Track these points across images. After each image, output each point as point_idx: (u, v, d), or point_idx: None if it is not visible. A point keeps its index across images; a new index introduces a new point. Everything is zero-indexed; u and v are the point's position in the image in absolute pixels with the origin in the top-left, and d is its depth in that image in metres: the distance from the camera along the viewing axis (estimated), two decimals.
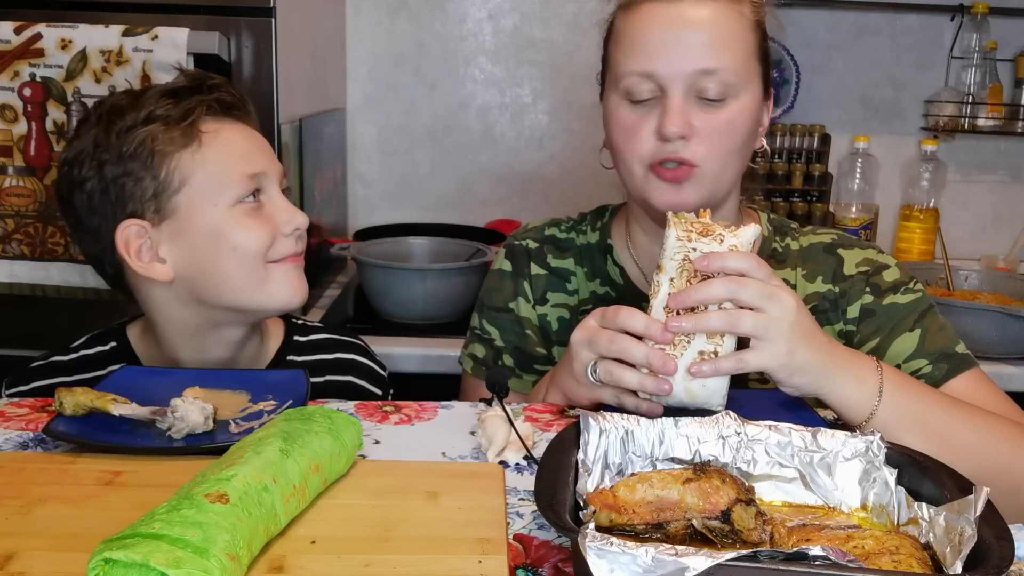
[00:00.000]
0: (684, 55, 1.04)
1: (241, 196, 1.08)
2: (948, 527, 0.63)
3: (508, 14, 2.37)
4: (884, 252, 1.19)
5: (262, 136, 1.16)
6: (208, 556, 0.59)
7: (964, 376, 1.07)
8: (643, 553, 0.54)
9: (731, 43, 1.05)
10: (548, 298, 1.26)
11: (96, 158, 1.06)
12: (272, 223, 1.10)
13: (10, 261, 1.63)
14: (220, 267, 1.08)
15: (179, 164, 1.06)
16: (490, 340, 1.26)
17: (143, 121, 1.06)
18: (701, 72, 1.04)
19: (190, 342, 1.14)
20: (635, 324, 0.89)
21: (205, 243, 1.07)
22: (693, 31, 1.04)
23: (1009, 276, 2.04)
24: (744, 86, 1.06)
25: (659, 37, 1.05)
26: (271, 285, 1.10)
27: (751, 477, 0.76)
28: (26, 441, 0.91)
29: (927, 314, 1.12)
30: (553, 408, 1.04)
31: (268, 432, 0.76)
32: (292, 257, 1.12)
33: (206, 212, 1.07)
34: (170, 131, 1.06)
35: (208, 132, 1.08)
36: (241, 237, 1.07)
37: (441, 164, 2.44)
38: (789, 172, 2.39)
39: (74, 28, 1.56)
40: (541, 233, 1.29)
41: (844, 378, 0.90)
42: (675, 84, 1.04)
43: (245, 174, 1.08)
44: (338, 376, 1.25)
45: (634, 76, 1.06)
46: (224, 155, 1.08)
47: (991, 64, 2.38)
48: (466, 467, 0.87)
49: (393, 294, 1.82)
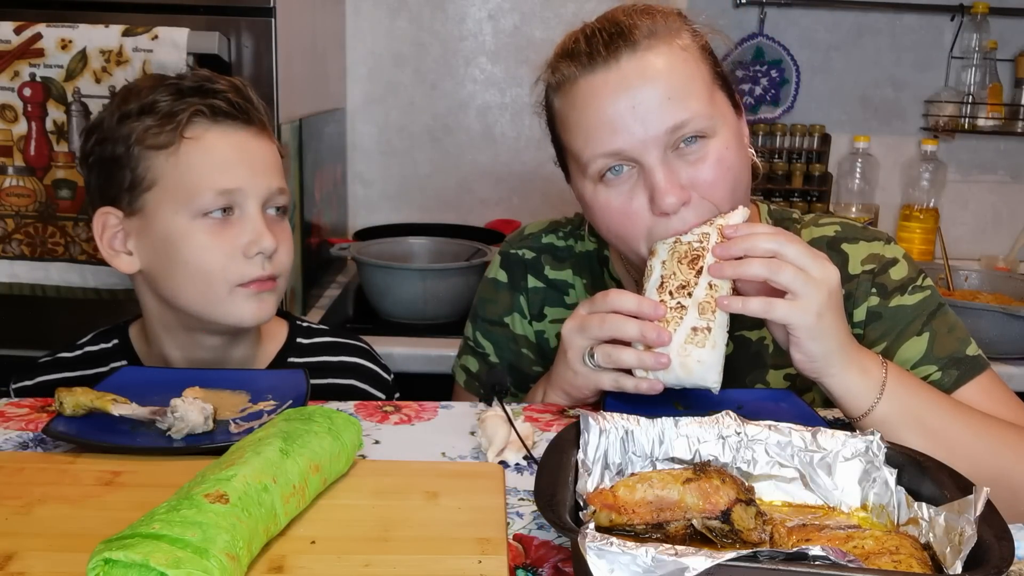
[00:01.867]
0: (649, 120, 0.95)
1: (206, 210, 1.05)
2: (948, 527, 0.63)
3: (508, 14, 2.37)
4: (892, 242, 1.14)
5: (268, 148, 1.12)
6: (208, 556, 0.59)
7: (975, 382, 1.04)
8: (643, 553, 0.54)
9: (689, 87, 0.96)
10: (546, 313, 1.23)
11: (100, 135, 1.08)
12: (234, 242, 1.06)
13: (10, 261, 1.63)
14: (172, 275, 1.07)
15: (154, 164, 1.05)
16: (484, 354, 1.25)
17: (140, 111, 1.05)
18: (672, 129, 0.95)
19: (174, 339, 1.14)
20: (626, 304, 0.90)
21: (162, 248, 1.07)
22: (650, 90, 0.95)
23: (1009, 276, 2.04)
24: (718, 121, 0.98)
25: (614, 110, 0.96)
26: (226, 306, 1.07)
27: (751, 477, 0.76)
28: (26, 441, 0.91)
29: (936, 315, 1.08)
30: (553, 408, 1.04)
31: (268, 432, 0.76)
32: (258, 282, 1.08)
33: (167, 218, 1.06)
34: (156, 128, 1.05)
35: (190, 138, 1.05)
36: (193, 252, 1.05)
37: (441, 164, 2.44)
38: (789, 172, 2.39)
39: (74, 28, 1.56)
40: (539, 241, 1.25)
41: (850, 366, 0.90)
42: (649, 153, 0.96)
43: (215, 188, 1.05)
44: (340, 379, 1.24)
45: (601, 159, 0.97)
46: (198, 164, 1.05)
47: (991, 64, 2.38)
48: (466, 467, 0.87)
49: (393, 294, 1.82)
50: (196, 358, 1.15)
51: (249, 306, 1.08)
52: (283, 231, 1.13)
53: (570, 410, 1.04)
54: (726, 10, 2.41)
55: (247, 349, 1.19)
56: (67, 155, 1.60)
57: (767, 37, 2.40)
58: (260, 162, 1.10)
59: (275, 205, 1.12)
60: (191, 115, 1.05)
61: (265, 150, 1.11)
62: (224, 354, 1.16)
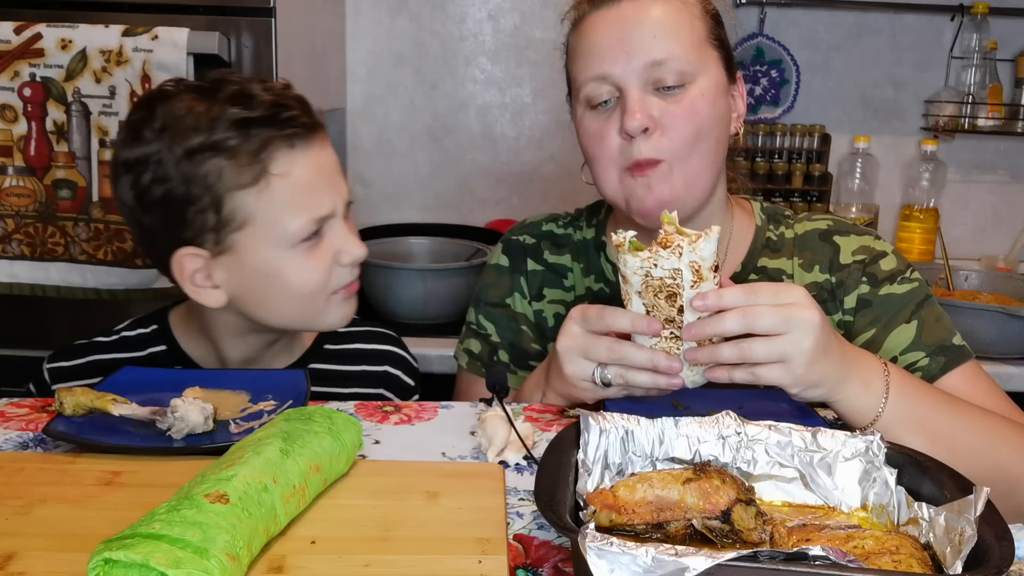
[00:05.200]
0: (633, 51, 1.05)
1: (303, 237, 1.05)
2: (948, 527, 0.63)
3: (508, 14, 2.37)
4: (881, 238, 1.18)
5: (332, 154, 1.11)
6: (208, 556, 0.59)
7: (960, 369, 1.07)
8: (643, 553, 0.54)
9: (678, 32, 1.06)
10: (544, 294, 1.26)
11: (160, 172, 1.01)
12: (330, 256, 1.08)
13: (10, 261, 1.63)
14: (274, 302, 1.08)
15: (243, 203, 1.02)
16: (486, 335, 1.27)
17: (211, 147, 1.00)
18: (652, 64, 1.04)
19: (227, 337, 1.16)
20: (622, 324, 0.91)
21: (261, 279, 1.06)
22: (638, 27, 1.06)
23: (1009, 276, 2.04)
24: (700, 71, 1.06)
25: (606, 40, 1.07)
26: (323, 315, 1.11)
27: (751, 477, 0.76)
28: (26, 441, 0.91)
29: (924, 304, 1.11)
30: (553, 408, 1.04)
31: (268, 432, 0.76)
32: (347, 287, 1.11)
33: (264, 252, 1.04)
34: (238, 167, 1.00)
35: (277, 175, 1.02)
36: (298, 277, 1.06)
37: (441, 164, 2.44)
38: (789, 172, 2.39)
39: (74, 28, 1.56)
40: (539, 229, 1.30)
41: (853, 386, 0.90)
42: (630, 81, 1.05)
43: (311, 218, 1.05)
44: (375, 366, 1.26)
45: (590, 82, 1.08)
46: (291, 197, 1.03)
47: (991, 64, 2.38)
48: (466, 467, 0.87)
49: (393, 294, 1.82)
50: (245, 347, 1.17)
51: (343, 310, 1.12)
52: (354, 230, 1.13)
53: (570, 410, 1.04)
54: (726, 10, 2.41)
55: (288, 341, 1.22)
56: (67, 155, 1.60)
57: (767, 37, 2.41)
58: (335, 174, 1.10)
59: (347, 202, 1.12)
60: (273, 149, 1.02)
61: (332, 158, 1.11)
62: (274, 346, 1.19)
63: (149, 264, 1.62)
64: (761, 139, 2.44)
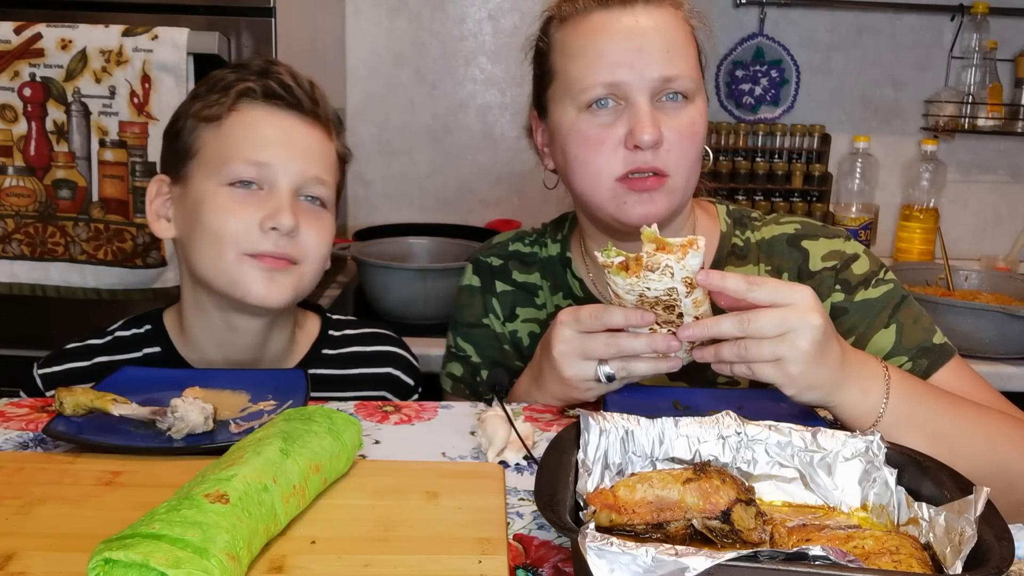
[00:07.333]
0: (647, 63, 1.04)
1: (234, 179, 1.07)
2: (948, 527, 0.63)
3: (508, 14, 2.37)
4: (851, 239, 1.16)
5: (317, 138, 1.12)
6: (208, 556, 0.59)
7: (945, 368, 1.07)
8: (643, 553, 0.54)
9: (684, 50, 1.07)
10: (518, 313, 1.26)
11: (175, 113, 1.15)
12: (256, 214, 1.06)
13: (10, 261, 1.63)
14: (193, 240, 1.09)
15: (201, 134, 1.09)
16: (466, 357, 1.27)
17: (207, 90, 1.11)
18: (664, 79, 1.04)
19: (207, 322, 1.14)
20: (616, 320, 0.92)
21: (191, 212, 1.09)
22: (653, 38, 1.05)
23: (1009, 276, 2.04)
24: (698, 90, 1.08)
25: (620, 46, 1.04)
26: (234, 273, 1.07)
27: (751, 477, 0.76)
28: (26, 441, 0.91)
29: (901, 306, 1.10)
30: (553, 408, 1.04)
31: (268, 432, 0.76)
32: (269, 258, 1.06)
33: (200, 184, 1.09)
34: (210, 102, 1.09)
35: (236, 112, 1.09)
36: (211, 215, 1.07)
37: (441, 164, 2.44)
38: (789, 172, 2.39)
39: (74, 28, 1.56)
40: (505, 249, 1.29)
41: (851, 392, 0.90)
42: (641, 92, 1.04)
43: (246, 158, 1.07)
44: (376, 368, 1.26)
45: (598, 87, 1.05)
46: (238, 136, 1.08)
47: (991, 64, 2.38)
48: (466, 467, 0.87)
49: (393, 294, 1.82)
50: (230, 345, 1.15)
51: (258, 280, 1.06)
52: (317, 220, 1.11)
53: (570, 410, 1.04)
54: (726, 10, 2.41)
55: (281, 343, 1.20)
56: (67, 155, 1.60)
57: (767, 37, 2.41)
58: (301, 146, 1.10)
59: (310, 193, 1.11)
60: (243, 92, 1.09)
61: (312, 138, 1.12)
62: (258, 346, 1.17)
63: (149, 264, 1.63)
64: (761, 139, 2.44)
